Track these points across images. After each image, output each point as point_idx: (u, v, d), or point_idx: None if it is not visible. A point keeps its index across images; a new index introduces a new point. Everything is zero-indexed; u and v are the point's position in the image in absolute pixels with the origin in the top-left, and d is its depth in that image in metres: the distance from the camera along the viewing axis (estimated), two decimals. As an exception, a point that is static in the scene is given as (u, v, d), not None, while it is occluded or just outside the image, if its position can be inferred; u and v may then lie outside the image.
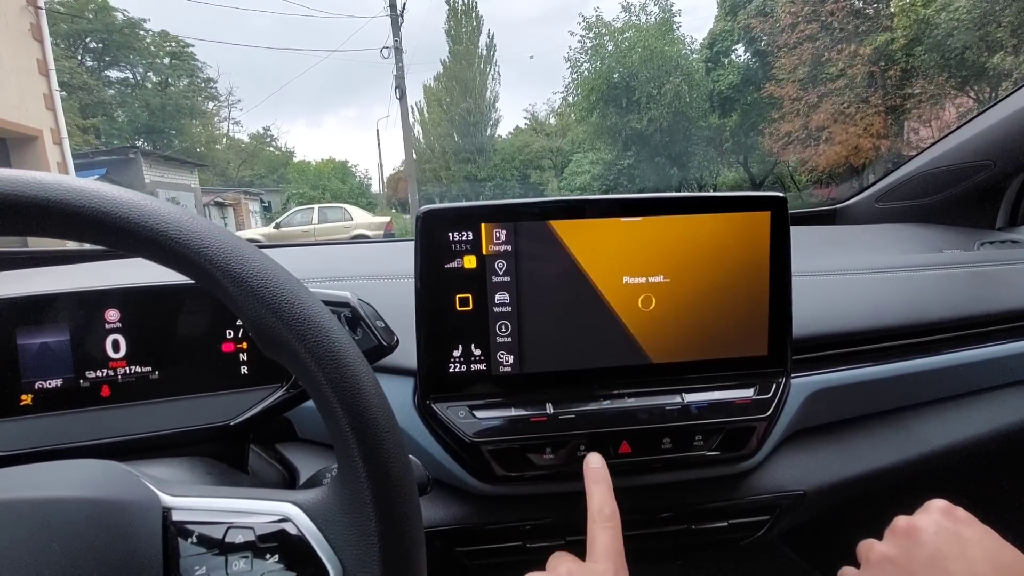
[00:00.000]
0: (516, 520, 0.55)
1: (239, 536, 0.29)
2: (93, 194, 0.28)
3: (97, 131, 16.93)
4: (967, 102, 10.19)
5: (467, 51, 22.21)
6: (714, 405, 0.53)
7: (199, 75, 20.45)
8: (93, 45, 18.21)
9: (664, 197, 0.51)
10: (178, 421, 0.46)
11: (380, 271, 0.70)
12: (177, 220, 0.29)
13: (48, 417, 0.44)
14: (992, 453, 0.69)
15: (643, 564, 0.76)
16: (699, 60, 16.10)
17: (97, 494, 0.29)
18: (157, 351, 0.46)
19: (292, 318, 0.29)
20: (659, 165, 16.21)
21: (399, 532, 0.28)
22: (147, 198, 0.29)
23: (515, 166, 23.22)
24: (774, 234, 0.53)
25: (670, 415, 0.52)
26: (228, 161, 21.89)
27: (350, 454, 0.28)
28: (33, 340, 0.44)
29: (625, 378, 0.53)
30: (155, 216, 0.29)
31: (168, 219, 0.29)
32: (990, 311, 0.70)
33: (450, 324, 0.51)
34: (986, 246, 0.89)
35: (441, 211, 0.50)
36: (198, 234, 0.29)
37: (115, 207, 0.28)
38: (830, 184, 11.13)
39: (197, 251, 0.29)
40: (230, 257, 0.29)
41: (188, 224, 0.29)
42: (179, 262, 0.29)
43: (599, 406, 0.52)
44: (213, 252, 0.29)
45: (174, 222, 0.29)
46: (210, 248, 0.29)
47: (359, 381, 0.29)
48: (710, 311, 0.52)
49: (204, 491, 0.31)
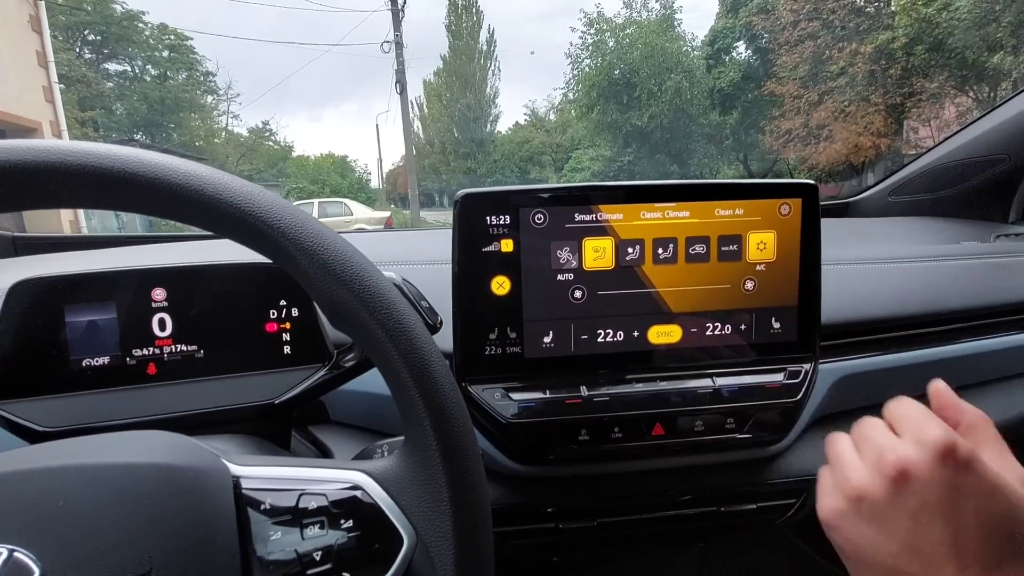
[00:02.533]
0: (550, 501, 0.56)
1: (312, 502, 0.29)
2: (168, 167, 0.29)
3: (95, 124, 16.84)
4: (966, 101, 10.22)
5: (467, 46, 22.15)
6: (745, 389, 0.54)
7: (198, 68, 20.35)
8: (92, 37, 18.09)
9: (701, 183, 0.52)
10: (223, 399, 0.46)
11: (406, 258, 0.70)
12: (250, 193, 0.29)
13: (95, 394, 0.45)
14: (1009, 441, 0.70)
15: (666, 545, 0.78)
16: (700, 57, 16.09)
17: (170, 460, 0.29)
18: (202, 330, 0.46)
19: (363, 291, 0.29)
20: (659, 162, 16.21)
21: (469, 498, 0.29)
22: (218, 172, 0.30)
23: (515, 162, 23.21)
24: (805, 221, 0.54)
25: (702, 398, 0.53)
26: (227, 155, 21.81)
27: (420, 422, 0.29)
28: (81, 318, 0.44)
29: (657, 361, 0.53)
30: (228, 189, 0.29)
31: (241, 192, 0.29)
32: (1009, 301, 0.71)
33: (486, 307, 0.51)
34: (1001, 238, 0.90)
35: (479, 195, 0.51)
36: (271, 207, 0.29)
37: (189, 180, 0.29)
38: (828, 182, 11.15)
39: (270, 224, 0.29)
40: (302, 231, 0.29)
41: (261, 198, 0.29)
42: (252, 235, 0.30)
43: (632, 389, 0.53)
44: (286, 225, 0.29)
45: (247, 195, 0.29)
46: (283, 221, 0.29)
47: (427, 353, 0.30)
48: (741, 295, 0.53)
49: (270, 460, 0.32)
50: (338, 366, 0.49)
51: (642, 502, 0.58)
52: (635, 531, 0.59)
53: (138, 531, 0.27)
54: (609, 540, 0.59)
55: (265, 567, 0.29)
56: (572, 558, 0.66)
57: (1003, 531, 0.32)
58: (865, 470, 0.34)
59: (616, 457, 0.54)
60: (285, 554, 0.29)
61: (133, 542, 0.27)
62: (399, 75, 13.67)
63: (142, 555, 0.27)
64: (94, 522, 0.27)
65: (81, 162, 0.27)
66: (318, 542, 0.29)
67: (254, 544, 0.29)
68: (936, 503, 0.32)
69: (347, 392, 0.54)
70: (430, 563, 0.29)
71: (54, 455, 0.29)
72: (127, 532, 0.27)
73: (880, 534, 0.33)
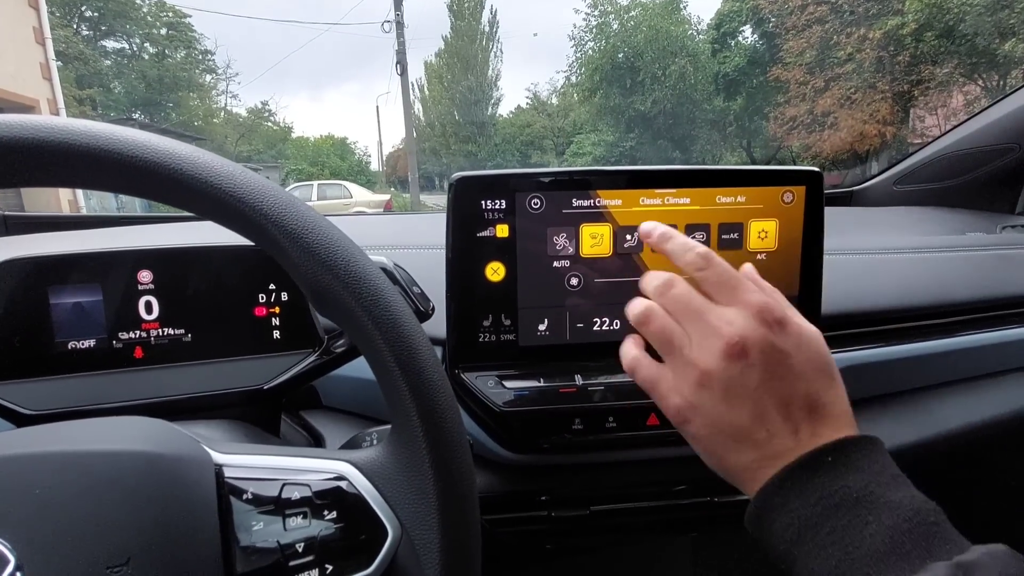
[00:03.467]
0: (542, 489, 0.55)
1: (295, 493, 0.29)
2: (147, 145, 0.27)
3: (93, 102, 16.68)
4: (974, 90, 10.09)
5: (469, 27, 21.85)
6: (742, 379, 0.53)
7: (196, 47, 20.08)
8: (89, 14, 17.83)
9: (703, 169, 0.51)
10: (211, 384, 0.46)
11: (403, 242, 0.69)
12: (231, 174, 0.28)
13: (81, 377, 0.44)
14: (1010, 434, 0.69)
15: (659, 534, 0.78)
16: (705, 41, 15.87)
17: (153, 448, 0.28)
18: (190, 314, 0.46)
19: (348, 276, 0.28)
20: (662, 148, 16.09)
21: (456, 489, 0.28)
22: (200, 151, 0.29)
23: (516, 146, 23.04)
24: (808, 210, 0.52)
25: (699, 388, 0.52)
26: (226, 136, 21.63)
27: (407, 412, 0.28)
28: (66, 300, 0.43)
29: (655, 351, 0.53)
30: (209, 169, 0.28)
31: (222, 172, 0.28)
32: (1014, 294, 0.70)
33: (480, 294, 0.50)
34: (1007, 230, 0.88)
35: (474, 178, 0.49)
36: (253, 188, 0.28)
37: (168, 159, 0.27)
38: (832, 171, 11.07)
39: (252, 206, 0.28)
40: (286, 213, 0.28)
41: (243, 178, 0.28)
42: (233, 217, 0.28)
43: (627, 378, 0.52)
44: (268, 207, 0.28)
45: (228, 175, 0.28)
46: (265, 203, 0.28)
47: (414, 340, 0.29)
48: (742, 285, 0.52)
49: (254, 449, 0.31)
50: (328, 351, 0.48)
51: (636, 491, 0.58)
52: (628, 520, 0.59)
53: (116, 520, 0.26)
54: (602, 528, 0.59)
55: (247, 557, 0.28)
56: (565, 546, 0.66)
57: (825, 376, 0.34)
58: (705, 351, 0.34)
59: (610, 447, 0.53)
60: (267, 545, 0.28)
61: (111, 531, 0.26)
62: (400, 56, 13.50)
63: (120, 544, 0.26)
64: (71, 511, 0.26)
65: (52, 138, 0.26)
66: (301, 533, 0.28)
67: (236, 534, 0.28)
68: (771, 366, 0.33)
69: (339, 377, 0.53)
70: (415, 555, 0.29)
71: (30, 442, 0.28)
72: (105, 521, 0.26)
73: (732, 410, 0.33)
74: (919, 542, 0.27)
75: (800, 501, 0.30)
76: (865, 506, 0.29)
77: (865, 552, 0.28)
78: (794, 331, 0.34)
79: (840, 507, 0.29)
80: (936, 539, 0.27)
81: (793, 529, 0.30)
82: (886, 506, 0.29)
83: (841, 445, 0.31)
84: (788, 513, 0.31)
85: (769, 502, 0.32)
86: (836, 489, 0.30)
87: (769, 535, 0.32)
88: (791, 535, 0.30)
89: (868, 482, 0.30)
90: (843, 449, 0.31)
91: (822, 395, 0.33)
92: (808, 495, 0.30)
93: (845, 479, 0.30)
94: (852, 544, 0.28)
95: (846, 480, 0.30)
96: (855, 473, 0.30)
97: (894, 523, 0.28)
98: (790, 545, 0.30)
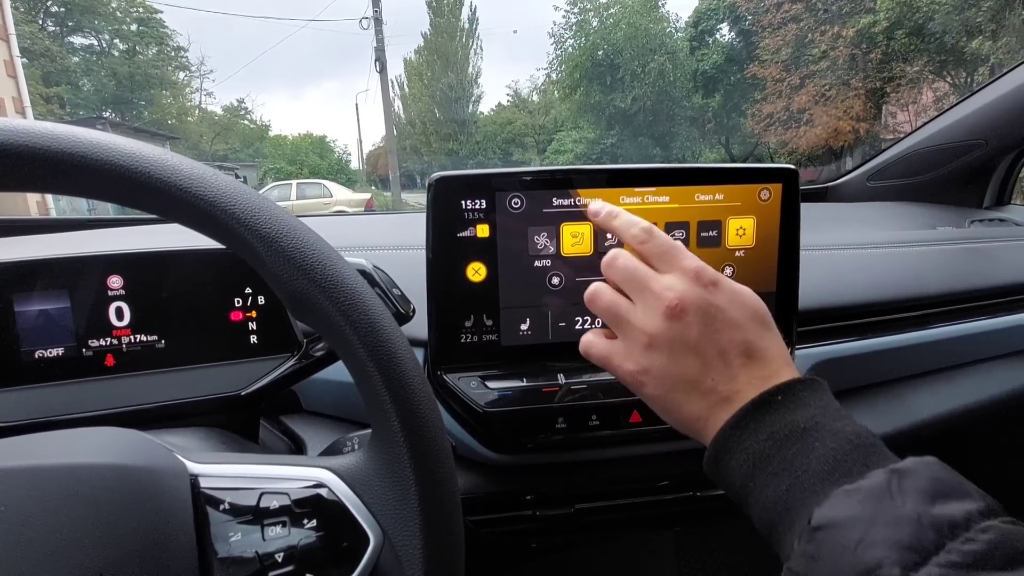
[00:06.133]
0: (526, 489, 0.55)
1: (274, 502, 0.28)
2: (110, 147, 0.26)
3: (61, 100, 16.18)
4: (943, 87, 10.35)
5: (449, 24, 21.71)
6: (723, 375, 0.53)
7: (169, 43, 19.59)
8: (55, 9, 17.28)
9: (682, 168, 0.51)
10: (186, 391, 0.44)
11: (385, 242, 0.68)
12: (201, 176, 0.27)
13: (51, 387, 0.42)
14: (980, 422, 0.71)
15: (643, 529, 0.78)
16: (684, 39, 16.01)
17: (123, 460, 0.28)
18: (163, 319, 0.44)
19: (325, 280, 0.28)
20: (642, 145, 16.19)
21: (438, 495, 0.28)
22: (169, 153, 0.28)
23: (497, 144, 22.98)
24: (784, 207, 0.53)
25: (680, 385, 0.53)
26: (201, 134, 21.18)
27: (387, 418, 0.28)
28: (31, 307, 0.42)
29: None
30: (178, 172, 0.27)
31: (192, 175, 0.27)
32: (982, 286, 0.72)
33: (462, 294, 0.50)
34: (975, 224, 0.91)
35: (454, 178, 0.49)
36: (224, 192, 0.27)
37: (135, 162, 0.27)
38: (808, 166, 11.26)
39: (224, 209, 0.27)
40: (258, 216, 0.28)
41: (213, 180, 0.28)
42: (204, 221, 0.28)
43: (610, 377, 0.53)
44: (240, 210, 0.27)
45: (199, 178, 0.27)
46: (237, 206, 0.27)
47: (394, 345, 0.28)
48: (721, 282, 0.53)
49: (230, 458, 0.30)
50: (307, 355, 0.47)
51: (620, 488, 0.58)
52: (612, 516, 0.59)
53: (88, 536, 0.26)
54: (587, 526, 0.59)
55: (225, 569, 0.28)
56: (550, 544, 0.66)
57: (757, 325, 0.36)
58: (649, 317, 0.37)
59: (594, 445, 0.53)
60: (246, 555, 0.28)
61: (83, 548, 0.25)
62: (379, 53, 13.37)
63: (90, 561, 0.25)
64: (39, 528, 0.25)
65: (11, 141, 0.25)
66: (280, 543, 0.28)
67: (214, 545, 0.28)
68: (707, 320, 0.36)
69: (320, 381, 0.52)
70: (398, 562, 0.28)
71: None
72: (76, 538, 0.25)
73: (679, 365, 0.36)
74: (859, 459, 0.30)
75: (753, 439, 0.32)
76: (812, 435, 0.31)
77: (812, 474, 0.30)
78: (727, 287, 0.37)
79: (789, 438, 0.31)
80: (874, 455, 0.30)
81: (748, 465, 0.32)
82: (829, 433, 0.31)
83: (789, 386, 0.34)
84: (742, 451, 0.33)
85: (724, 444, 0.34)
86: (785, 423, 0.32)
87: (726, 474, 0.34)
88: (746, 470, 0.32)
89: (814, 415, 0.32)
90: (791, 390, 0.34)
91: (756, 341, 0.36)
92: (760, 432, 0.32)
93: (794, 415, 0.32)
94: (800, 468, 0.30)
95: (795, 415, 0.32)
96: (803, 408, 0.32)
97: (837, 445, 0.30)
98: (745, 479, 0.32)
